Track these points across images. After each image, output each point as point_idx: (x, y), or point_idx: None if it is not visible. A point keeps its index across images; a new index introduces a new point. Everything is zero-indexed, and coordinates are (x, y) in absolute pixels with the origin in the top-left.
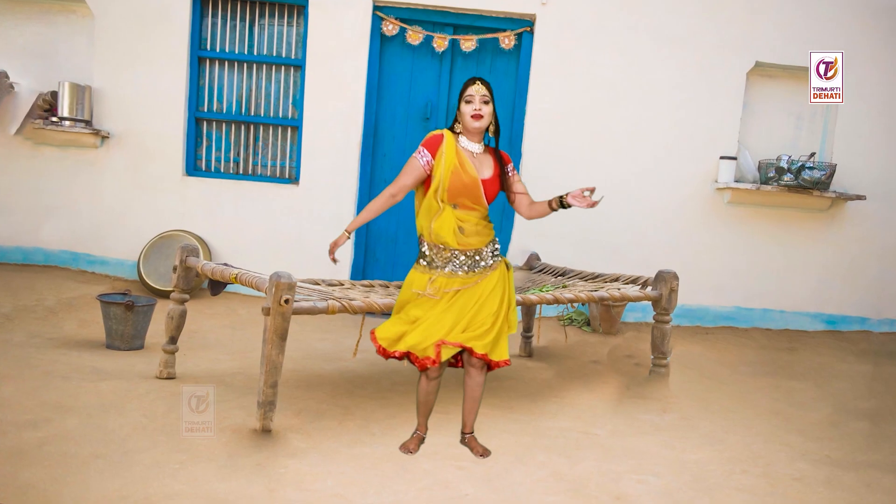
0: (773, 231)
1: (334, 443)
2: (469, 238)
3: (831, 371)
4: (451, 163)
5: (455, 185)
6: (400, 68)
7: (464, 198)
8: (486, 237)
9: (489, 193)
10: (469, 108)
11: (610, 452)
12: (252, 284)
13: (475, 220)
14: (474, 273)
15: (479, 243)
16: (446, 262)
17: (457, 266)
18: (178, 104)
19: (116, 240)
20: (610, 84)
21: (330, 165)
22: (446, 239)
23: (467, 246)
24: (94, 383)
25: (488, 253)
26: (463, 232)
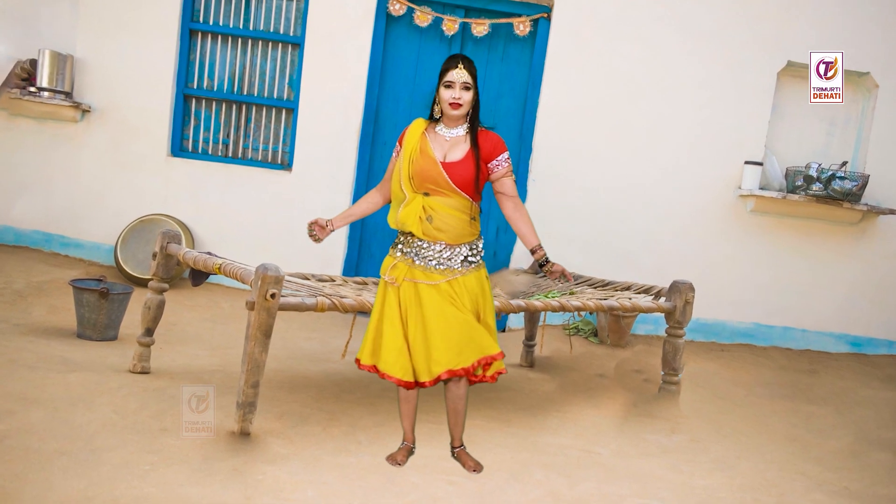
0: (799, 244)
1: (317, 450)
2: (439, 231)
3: (854, 397)
4: (410, 147)
5: (416, 170)
6: (406, 51)
7: (429, 183)
8: (463, 235)
9: (458, 179)
10: (448, 95)
11: (612, 474)
12: (237, 276)
13: (448, 210)
14: (438, 271)
15: (453, 239)
16: (412, 251)
17: (421, 257)
18: (165, 79)
19: (93, 222)
20: (630, 78)
21: (326, 152)
22: (411, 227)
23: (434, 238)
24: (63, 374)
25: (460, 254)
26: (430, 221)
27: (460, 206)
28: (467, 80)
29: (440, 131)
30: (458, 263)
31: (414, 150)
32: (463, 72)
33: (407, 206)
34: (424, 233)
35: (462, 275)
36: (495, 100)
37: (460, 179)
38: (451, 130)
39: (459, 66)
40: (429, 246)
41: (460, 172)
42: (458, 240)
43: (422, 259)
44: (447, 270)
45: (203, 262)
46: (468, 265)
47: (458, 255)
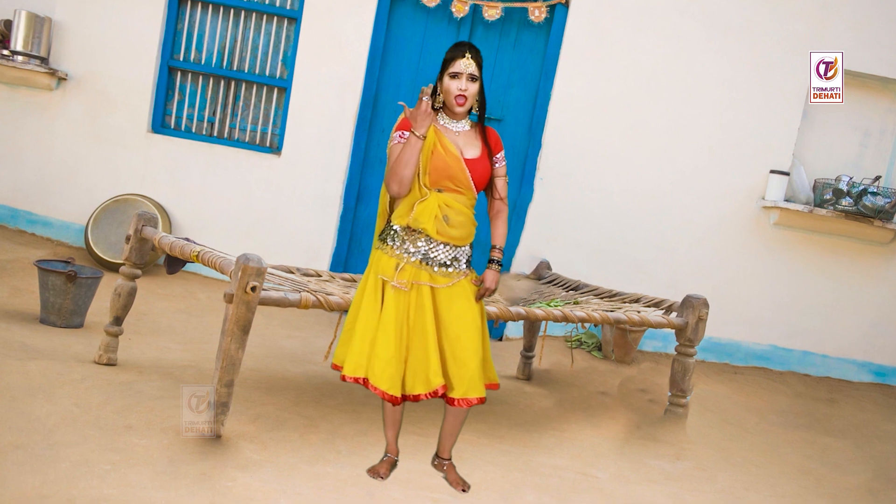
0: (824, 262)
1: (293, 457)
2: (453, 229)
3: (875, 430)
4: (430, 141)
5: (437, 166)
6: (410, 32)
7: (447, 180)
8: (470, 235)
9: (477, 176)
10: (454, 87)
11: (610, 499)
12: (215, 266)
13: (461, 208)
14: (445, 275)
15: (461, 240)
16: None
17: (430, 258)
18: (150, 48)
19: (64, 199)
20: (651, 73)
21: (319, 136)
22: (425, 225)
23: (448, 238)
24: (22, 362)
25: (465, 254)
26: (447, 221)
27: (470, 205)
28: (474, 72)
29: (447, 125)
30: (464, 265)
31: (434, 143)
32: (471, 62)
33: (423, 203)
34: (439, 232)
35: (464, 276)
36: (505, 90)
37: (479, 177)
38: (457, 124)
39: (467, 56)
40: (439, 246)
41: (479, 170)
42: (466, 240)
43: (431, 261)
44: (453, 273)
45: (180, 249)
46: (469, 266)
47: (463, 256)
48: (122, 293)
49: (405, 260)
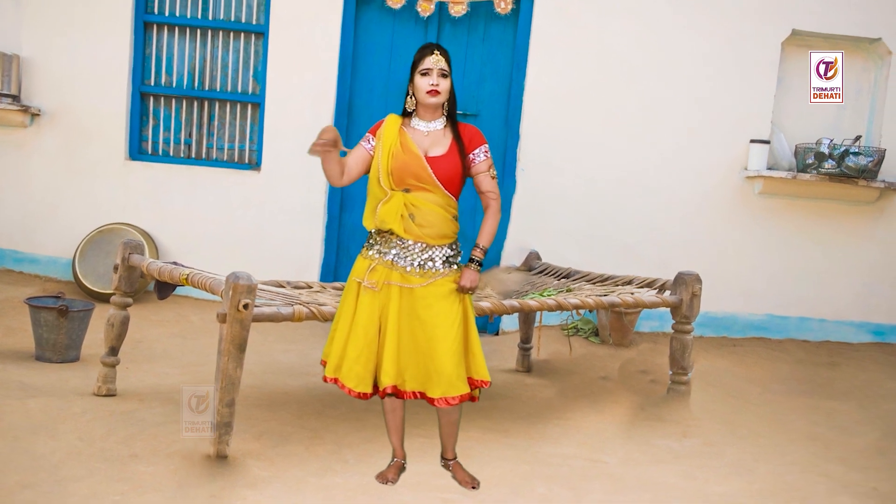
0: (812, 227)
1: (301, 471)
2: (422, 227)
3: (879, 389)
4: (390, 142)
5: (397, 166)
6: (378, 36)
7: (411, 179)
8: (445, 233)
9: (443, 174)
10: (425, 83)
11: (621, 483)
12: (206, 287)
13: (432, 207)
14: (419, 274)
15: (436, 239)
16: (391, 249)
17: (402, 258)
18: (120, 77)
19: (48, 234)
20: (623, 56)
21: (297, 148)
22: (392, 224)
23: (418, 237)
24: (22, 401)
25: (442, 254)
26: (413, 219)
27: (443, 203)
28: (444, 67)
29: (417, 126)
30: (440, 264)
31: (394, 144)
32: (439, 58)
33: (387, 204)
34: (406, 230)
35: (443, 276)
36: (477, 84)
37: (445, 175)
38: (429, 124)
39: (435, 53)
40: (411, 245)
41: (445, 167)
42: (441, 239)
43: (402, 259)
44: (429, 272)
45: (169, 273)
46: (450, 266)
47: (439, 256)
48: (115, 323)
49: (377, 261)
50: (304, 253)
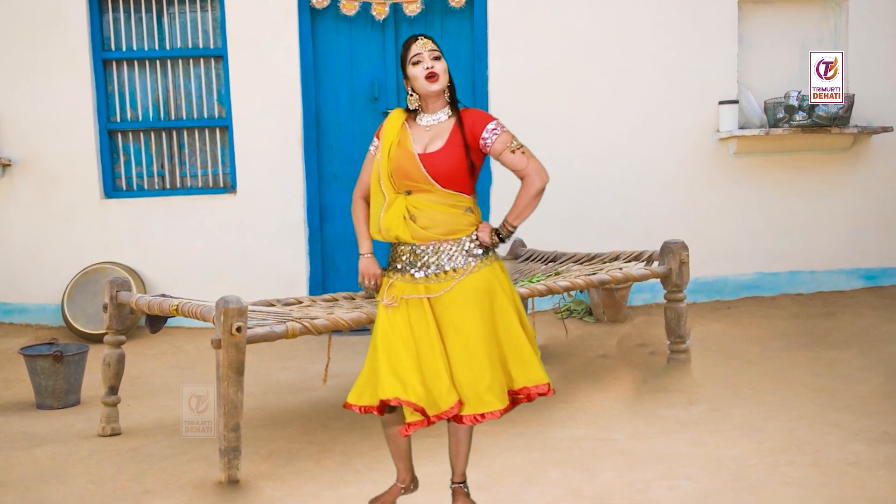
0: (791, 180)
1: (314, 486)
2: (428, 229)
3: (877, 334)
4: (389, 140)
5: (395, 167)
6: (337, 45)
7: (406, 180)
8: (456, 228)
9: (436, 171)
10: (420, 69)
11: (633, 459)
12: (197, 315)
13: (434, 206)
14: (440, 278)
15: (445, 234)
16: (406, 262)
17: (417, 266)
18: (85, 117)
19: (33, 282)
20: (583, 35)
21: (270, 166)
22: (397, 231)
23: (425, 238)
24: (28, 451)
25: (458, 250)
26: (415, 220)
27: (448, 202)
28: (434, 48)
29: (420, 121)
30: (462, 260)
31: (392, 143)
32: (426, 41)
33: (389, 210)
34: (413, 235)
35: (469, 273)
36: None
37: (441, 171)
38: (433, 116)
39: (420, 39)
40: (423, 250)
41: (441, 163)
42: (453, 234)
43: (420, 269)
44: (449, 274)
45: (158, 306)
46: (474, 259)
47: (457, 250)
48: (111, 362)
49: (395, 277)
50: (291, 269)
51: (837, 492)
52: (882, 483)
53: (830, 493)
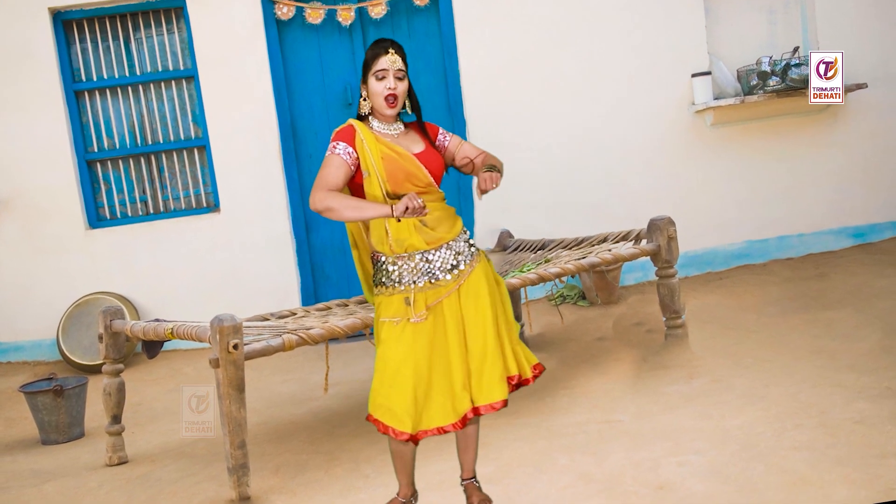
0: (771, 146)
1: (324, 495)
2: (437, 230)
3: (871, 290)
4: (377, 149)
5: (393, 172)
6: (306, 54)
7: (409, 183)
8: (455, 226)
9: (432, 169)
10: (381, 87)
11: (639, 438)
12: (192, 336)
13: (433, 206)
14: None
15: (450, 234)
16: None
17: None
18: (62, 150)
19: (26, 319)
20: (550, 22)
21: (251, 181)
22: (410, 240)
23: (438, 241)
24: (38, 487)
25: (464, 245)
26: (426, 224)
27: (439, 198)
28: (401, 67)
29: (381, 129)
30: (468, 256)
31: (382, 149)
32: (396, 57)
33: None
34: (427, 241)
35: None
36: (413, 79)
37: (434, 170)
38: (390, 126)
39: (391, 52)
40: (436, 255)
41: (433, 163)
42: (454, 232)
43: (432, 276)
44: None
45: (153, 331)
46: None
47: (464, 246)
48: (111, 392)
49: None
50: (281, 281)
51: (846, 451)
52: (890, 438)
53: (839, 453)
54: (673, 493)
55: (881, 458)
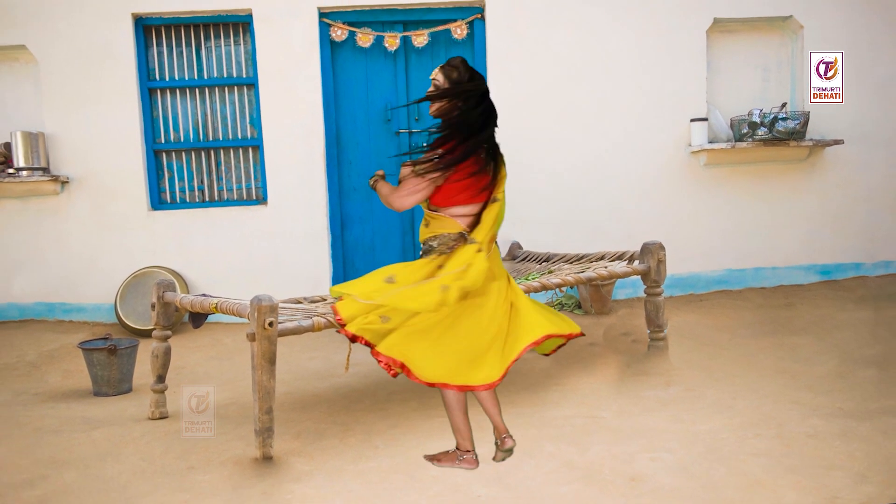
0: (755, 188)
1: (338, 461)
2: None
3: (832, 322)
4: None
5: None
6: (354, 73)
7: None
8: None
9: None
10: None
11: (619, 434)
12: (233, 311)
13: None
14: None
15: None
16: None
17: None
18: (134, 139)
19: (90, 285)
20: (569, 61)
21: (296, 180)
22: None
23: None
24: (87, 433)
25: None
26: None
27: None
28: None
29: None
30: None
31: None
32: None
33: None
34: None
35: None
36: None
37: None
38: None
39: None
40: None
41: None
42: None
43: None
44: None
45: (200, 304)
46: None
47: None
48: (158, 354)
49: None
50: (315, 270)
51: (798, 461)
52: (838, 453)
53: (792, 462)
54: (644, 484)
55: (829, 469)
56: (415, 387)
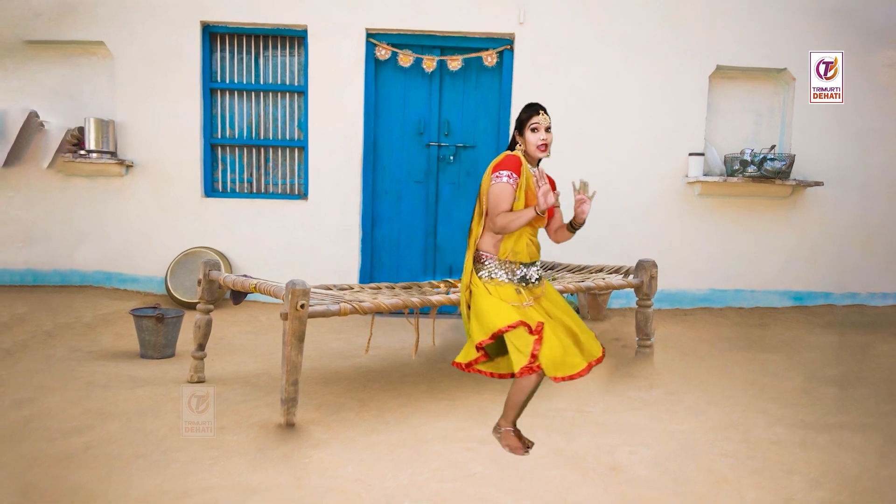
0: (741, 218)
1: (352, 432)
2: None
3: (801, 343)
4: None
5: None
6: (394, 89)
7: None
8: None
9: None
10: (536, 138)
11: (604, 428)
12: (270, 292)
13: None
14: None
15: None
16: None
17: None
18: (193, 132)
19: (144, 259)
20: (585, 93)
21: (335, 181)
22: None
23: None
24: (132, 390)
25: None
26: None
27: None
28: (549, 124)
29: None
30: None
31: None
32: (546, 117)
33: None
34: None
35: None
36: (473, 122)
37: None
38: (533, 168)
39: (541, 113)
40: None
41: None
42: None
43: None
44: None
45: (241, 284)
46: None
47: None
48: (201, 325)
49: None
50: (346, 262)
51: (761, 464)
52: (797, 459)
53: (755, 464)
54: (623, 474)
55: (788, 473)
56: (425, 371)
